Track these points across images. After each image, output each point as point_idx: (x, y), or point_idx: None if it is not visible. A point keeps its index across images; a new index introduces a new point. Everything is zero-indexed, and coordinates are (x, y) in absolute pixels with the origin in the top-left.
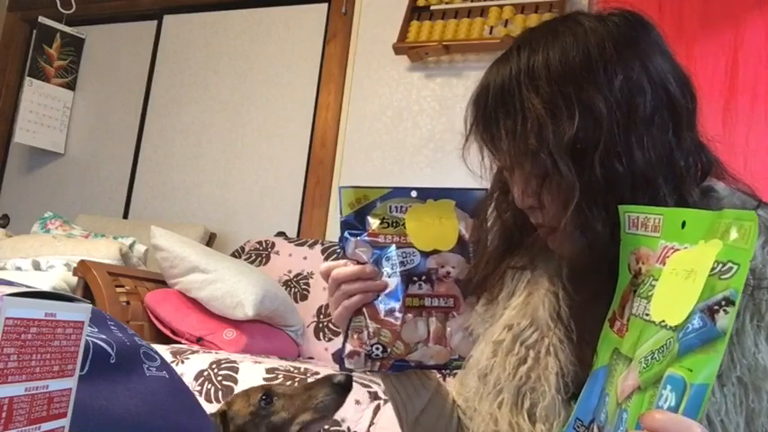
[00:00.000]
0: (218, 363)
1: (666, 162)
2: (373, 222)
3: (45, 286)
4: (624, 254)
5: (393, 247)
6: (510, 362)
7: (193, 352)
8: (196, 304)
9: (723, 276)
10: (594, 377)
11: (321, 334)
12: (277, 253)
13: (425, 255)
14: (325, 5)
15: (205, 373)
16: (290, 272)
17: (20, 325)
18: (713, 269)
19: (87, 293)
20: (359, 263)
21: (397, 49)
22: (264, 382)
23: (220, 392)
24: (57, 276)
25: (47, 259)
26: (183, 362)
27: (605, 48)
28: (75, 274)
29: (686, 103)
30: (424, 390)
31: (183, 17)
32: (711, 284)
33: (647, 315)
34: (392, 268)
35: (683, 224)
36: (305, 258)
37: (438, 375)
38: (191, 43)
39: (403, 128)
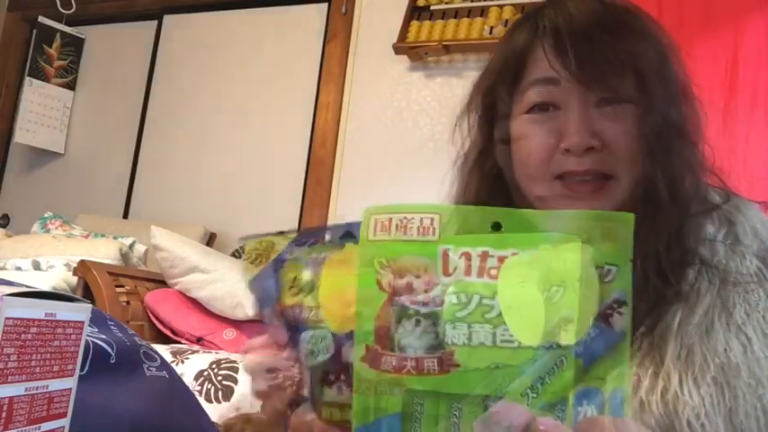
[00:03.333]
0: (218, 363)
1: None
2: (283, 286)
3: (45, 286)
4: (366, 266)
5: (305, 328)
6: None
7: (193, 352)
8: (196, 304)
9: (605, 280)
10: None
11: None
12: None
13: (344, 338)
14: (325, 5)
15: (205, 373)
16: None
17: (20, 325)
18: None
19: (87, 293)
20: (277, 344)
21: (397, 49)
22: None
23: (220, 392)
24: (57, 276)
25: (47, 259)
26: (182, 362)
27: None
28: (75, 274)
29: None
30: None
31: (183, 17)
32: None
33: (509, 342)
34: (305, 359)
35: (497, 225)
36: None
37: None
38: (191, 43)
39: (403, 128)
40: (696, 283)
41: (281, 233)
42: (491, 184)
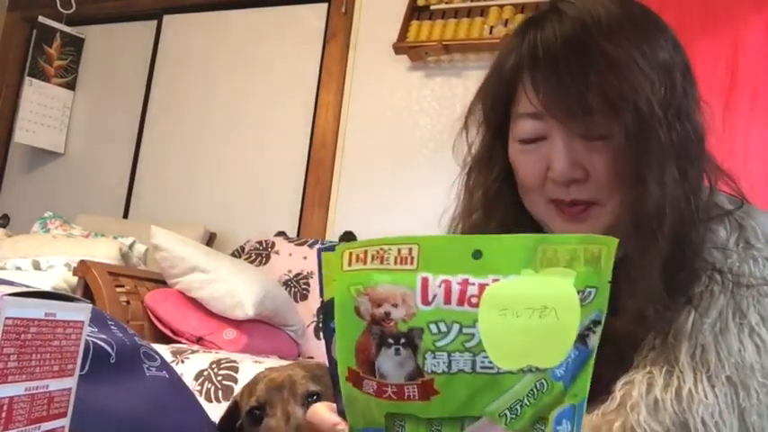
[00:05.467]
0: (218, 363)
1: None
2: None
3: (45, 286)
4: (343, 296)
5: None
6: None
7: (193, 352)
8: (196, 304)
9: (584, 303)
10: None
11: (321, 334)
12: (277, 253)
13: None
14: (325, 5)
15: (205, 373)
16: (290, 272)
17: (20, 325)
18: None
19: (87, 293)
20: None
21: (397, 49)
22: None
23: (220, 392)
24: (57, 276)
25: (47, 259)
26: (182, 362)
27: (650, 14)
28: (75, 274)
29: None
30: None
31: (183, 17)
32: None
33: (489, 369)
34: None
35: (478, 254)
36: (305, 258)
37: None
38: (191, 43)
39: (403, 128)
40: (710, 285)
41: (281, 233)
42: (498, 192)
